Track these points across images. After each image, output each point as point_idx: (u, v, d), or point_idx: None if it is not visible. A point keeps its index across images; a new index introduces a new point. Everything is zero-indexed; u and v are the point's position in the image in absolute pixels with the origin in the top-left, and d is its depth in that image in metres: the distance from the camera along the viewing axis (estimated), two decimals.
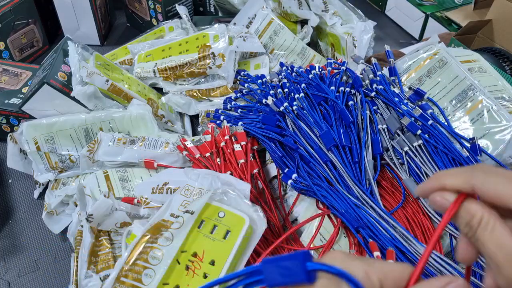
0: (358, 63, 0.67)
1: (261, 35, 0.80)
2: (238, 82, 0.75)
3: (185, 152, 0.58)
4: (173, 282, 0.42)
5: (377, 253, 0.46)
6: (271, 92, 0.64)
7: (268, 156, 0.62)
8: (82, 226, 0.51)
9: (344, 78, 0.64)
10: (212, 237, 0.44)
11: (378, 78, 0.61)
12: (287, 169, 0.54)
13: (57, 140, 0.62)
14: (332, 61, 0.69)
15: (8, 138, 0.63)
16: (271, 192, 0.56)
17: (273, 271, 0.21)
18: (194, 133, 0.75)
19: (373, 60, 0.65)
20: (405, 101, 0.59)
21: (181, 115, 0.77)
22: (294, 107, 0.58)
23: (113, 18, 1.03)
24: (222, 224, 0.44)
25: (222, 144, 0.57)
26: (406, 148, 0.54)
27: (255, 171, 0.54)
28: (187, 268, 0.43)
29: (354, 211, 0.49)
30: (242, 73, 0.75)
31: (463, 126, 0.57)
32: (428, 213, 0.51)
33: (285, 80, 0.65)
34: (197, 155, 0.57)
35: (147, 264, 0.43)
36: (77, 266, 0.50)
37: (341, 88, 0.60)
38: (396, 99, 0.58)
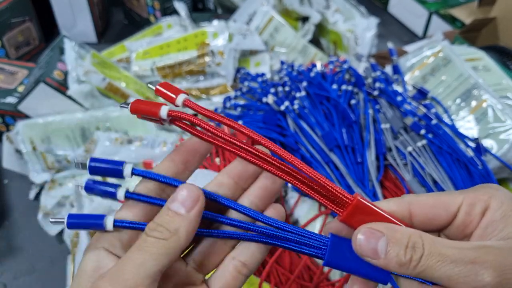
0: (361, 61, 0.66)
1: (262, 32, 0.79)
2: (238, 80, 0.74)
3: None
4: None
5: None
6: (272, 90, 0.63)
7: None
8: None
9: (347, 76, 0.62)
10: None
11: (377, 75, 0.60)
12: None
13: (54, 139, 0.61)
14: (334, 59, 0.68)
15: (4, 137, 0.62)
16: None
17: None
18: None
19: (370, 61, 0.64)
20: (409, 100, 0.58)
21: None
22: (296, 106, 0.56)
23: (110, 15, 1.02)
24: None
25: None
26: (409, 148, 0.53)
27: None
28: None
29: None
30: (241, 71, 0.74)
31: (467, 125, 0.56)
32: None
33: (286, 79, 0.64)
34: None
35: None
36: (74, 268, 0.49)
37: (343, 87, 0.59)
38: (399, 98, 0.57)
